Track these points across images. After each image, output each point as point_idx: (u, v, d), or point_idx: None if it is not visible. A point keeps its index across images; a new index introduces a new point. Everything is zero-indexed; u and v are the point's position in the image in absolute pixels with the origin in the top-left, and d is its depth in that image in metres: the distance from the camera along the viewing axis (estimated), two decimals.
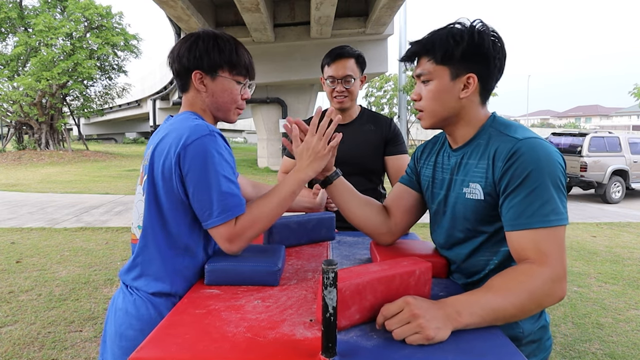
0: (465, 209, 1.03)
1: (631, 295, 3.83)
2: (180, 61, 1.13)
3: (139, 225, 1.09)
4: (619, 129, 42.12)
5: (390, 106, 24.46)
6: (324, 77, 1.94)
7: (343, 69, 1.86)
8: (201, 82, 1.13)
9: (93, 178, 12.59)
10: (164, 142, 1.05)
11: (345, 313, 0.82)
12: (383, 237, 1.22)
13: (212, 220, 1.01)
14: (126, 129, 43.07)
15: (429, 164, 1.18)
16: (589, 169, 9.52)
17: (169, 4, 8.99)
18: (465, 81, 1.00)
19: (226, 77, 1.14)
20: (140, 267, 1.07)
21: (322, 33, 11.78)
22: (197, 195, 1.01)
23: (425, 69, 1.02)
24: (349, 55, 1.87)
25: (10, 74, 18.65)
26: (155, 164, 1.04)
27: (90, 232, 5.80)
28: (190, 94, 1.16)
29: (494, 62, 1.00)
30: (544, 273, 0.86)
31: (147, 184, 1.06)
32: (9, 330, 2.87)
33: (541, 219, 0.88)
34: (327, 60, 1.90)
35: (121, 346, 1.04)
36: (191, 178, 1.00)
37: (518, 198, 0.91)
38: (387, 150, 1.97)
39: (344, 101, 1.90)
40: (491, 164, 0.97)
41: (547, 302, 0.87)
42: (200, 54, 1.11)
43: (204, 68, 1.12)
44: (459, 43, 0.97)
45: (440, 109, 1.03)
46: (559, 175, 0.91)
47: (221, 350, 0.75)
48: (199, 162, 0.99)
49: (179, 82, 1.18)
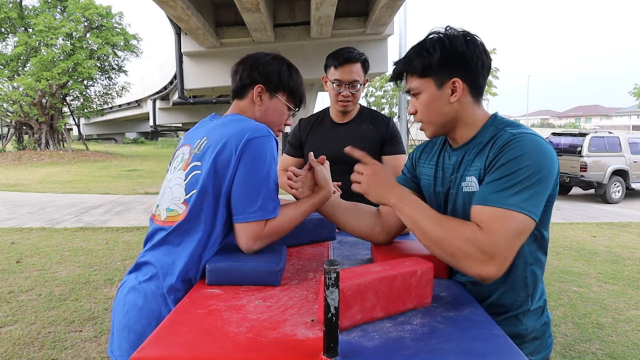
0: (464, 203, 1.05)
1: (631, 295, 3.83)
2: (250, 71, 1.23)
3: (169, 208, 1.12)
4: (619, 129, 42.12)
5: (391, 106, 24.46)
6: (329, 79, 1.92)
7: (350, 73, 1.85)
8: (259, 96, 1.23)
9: (93, 178, 12.59)
10: (221, 134, 1.10)
11: (347, 313, 0.82)
12: (377, 237, 1.24)
13: (248, 215, 1.06)
14: (126, 129, 43.04)
15: (430, 163, 1.19)
16: (589, 169, 9.52)
17: (169, 4, 8.98)
18: (452, 86, 1.03)
19: (282, 100, 1.26)
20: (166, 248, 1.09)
21: (322, 33, 11.78)
22: (243, 187, 1.06)
23: (413, 85, 1.07)
24: (356, 59, 1.86)
25: (10, 74, 18.64)
26: (208, 154, 1.09)
27: (90, 232, 5.80)
28: (243, 102, 1.26)
29: (473, 62, 1.02)
30: (478, 236, 0.88)
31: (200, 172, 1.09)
32: (9, 330, 2.87)
33: (501, 200, 0.90)
34: (334, 63, 1.88)
35: (129, 339, 1.05)
36: (243, 170, 1.06)
37: (490, 179, 0.94)
38: (384, 149, 1.97)
39: (348, 105, 1.91)
40: (486, 155, 1.00)
41: (462, 260, 0.89)
42: (272, 72, 1.23)
43: (269, 85, 1.23)
44: (432, 53, 1.01)
45: (436, 117, 1.06)
46: (541, 170, 0.91)
47: (222, 350, 0.75)
48: (255, 157, 1.07)
49: (239, 87, 1.26)
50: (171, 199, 1.13)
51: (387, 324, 0.86)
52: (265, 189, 1.07)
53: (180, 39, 12.74)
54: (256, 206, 1.06)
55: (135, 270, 1.13)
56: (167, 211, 1.12)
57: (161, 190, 1.20)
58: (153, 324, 1.03)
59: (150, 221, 1.19)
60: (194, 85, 13.51)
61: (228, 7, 11.37)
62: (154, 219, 1.17)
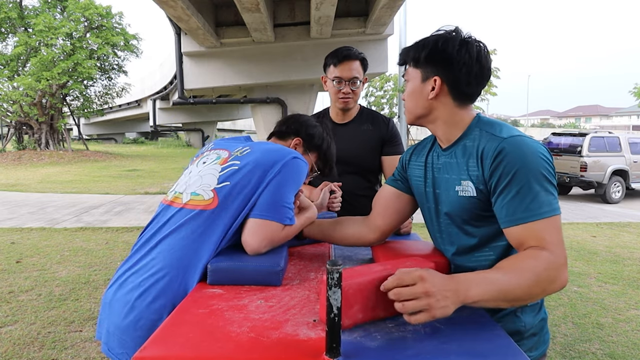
0: (461, 207, 1.06)
1: (631, 295, 3.83)
2: (299, 126, 1.41)
3: (195, 192, 1.16)
4: (619, 129, 42.12)
5: (391, 106, 24.46)
6: (329, 77, 1.93)
7: (350, 70, 1.87)
8: (295, 146, 1.38)
9: (93, 178, 12.58)
10: (266, 149, 1.23)
11: (348, 312, 0.82)
12: (368, 239, 1.28)
13: (272, 215, 1.13)
14: (126, 129, 43.02)
15: (419, 164, 1.20)
16: (589, 169, 9.52)
17: (169, 4, 8.98)
18: (432, 83, 1.06)
19: (312, 159, 1.42)
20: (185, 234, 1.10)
21: (322, 33, 11.78)
22: (275, 191, 1.15)
23: (407, 72, 1.14)
24: (355, 57, 1.88)
25: (10, 74, 18.63)
26: (251, 157, 1.19)
27: (90, 232, 5.80)
28: (282, 142, 1.40)
29: (457, 66, 1.03)
30: (549, 257, 0.90)
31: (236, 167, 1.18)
32: (9, 330, 2.87)
33: (535, 213, 0.93)
34: (333, 61, 1.90)
35: (135, 337, 1.02)
36: (280, 178, 1.17)
37: (509, 196, 0.95)
38: (384, 150, 1.98)
39: (349, 102, 1.91)
40: (480, 162, 1.01)
41: (551, 287, 0.90)
42: (314, 135, 1.41)
43: (308, 143, 1.40)
44: (423, 48, 1.07)
45: (414, 107, 1.12)
46: (545, 168, 0.95)
47: (224, 350, 0.75)
48: (293, 172, 1.20)
49: (283, 130, 1.43)
50: (200, 185, 1.17)
51: (389, 324, 0.86)
52: (289, 200, 1.18)
53: (180, 39, 12.74)
54: (281, 210, 1.15)
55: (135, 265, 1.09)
56: (193, 195, 1.16)
57: (182, 180, 1.25)
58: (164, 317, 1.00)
59: (164, 206, 1.20)
60: (194, 85, 13.50)
61: (228, 7, 11.37)
62: (172, 203, 1.18)
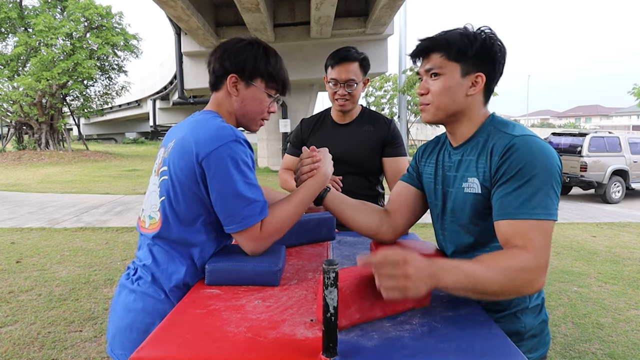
0: (464, 203, 1.06)
1: (631, 295, 3.83)
2: (222, 60, 1.15)
3: (150, 216, 1.11)
4: (619, 129, 42.09)
5: (391, 106, 24.45)
6: (327, 78, 1.93)
7: (346, 72, 1.85)
8: (234, 86, 1.15)
9: (93, 178, 12.59)
10: (186, 139, 1.06)
11: (346, 312, 0.82)
12: (384, 236, 1.24)
13: (236, 226, 1.04)
14: (126, 129, 43.04)
15: (431, 162, 1.20)
16: (589, 169, 9.52)
17: (169, 4, 8.98)
18: (474, 79, 1.05)
19: (260, 87, 1.17)
20: (155, 261, 1.09)
21: (322, 33, 11.78)
22: (220, 200, 1.03)
23: (437, 64, 1.05)
24: (353, 58, 1.86)
25: (10, 74, 18.64)
26: (174, 159, 1.06)
27: (90, 232, 5.80)
28: (220, 94, 1.18)
29: (498, 67, 1.06)
30: (529, 259, 0.89)
31: (166, 177, 1.07)
32: (9, 330, 2.87)
33: (527, 211, 0.92)
34: (331, 62, 1.89)
35: (133, 339, 1.05)
36: (215, 184, 1.03)
37: (508, 189, 0.95)
38: (385, 151, 1.96)
39: (345, 104, 1.91)
40: (489, 159, 1.01)
41: (525, 289, 0.90)
42: (245, 59, 1.13)
43: (244, 73, 1.14)
44: (472, 43, 1.03)
45: (448, 103, 1.06)
46: (552, 172, 0.94)
47: (222, 350, 0.75)
48: (223, 168, 1.02)
49: (212, 79, 1.18)
50: (150, 206, 1.12)
51: (387, 323, 0.86)
52: (241, 199, 1.03)
53: (180, 39, 12.74)
54: (239, 216, 1.03)
55: (132, 273, 1.13)
56: (149, 218, 1.12)
57: (146, 194, 1.18)
58: (157, 323, 1.02)
59: (137, 226, 1.18)
60: (194, 85, 13.51)
61: (228, 7, 11.38)
62: (140, 226, 1.16)
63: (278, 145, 15.43)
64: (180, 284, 1.06)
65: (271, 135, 15.47)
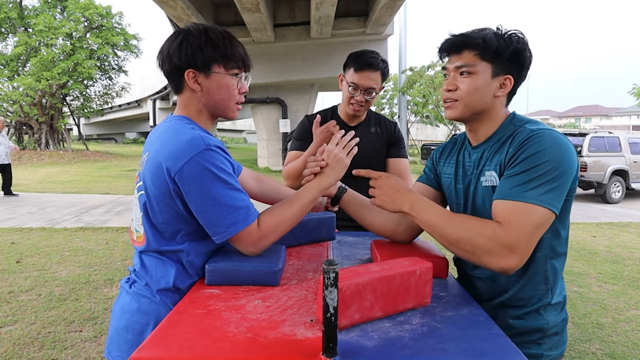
0: (483, 197, 1.07)
1: (631, 295, 3.83)
2: (171, 61, 1.07)
3: (136, 229, 1.11)
4: (619, 129, 42.06)
5: (391, 106, 24.45)
6: (346, 79, 1.87)
7: (369, 80, 1.82)
8: (195, 81, 1.08)
9: (93, 178, 12.58)
10: (156, 154, 1.02)
11: (346, 312, 0.82)
12: (401, 236, 1.26)
13: (221, 235, 1.02)
14: (126, 129, 43.04)
15: (451, 162, 1.21)
16: (589, 169, 9.51)
17: (169, 4, 8.99)
18: (502, 81, 1.06)
19: (221, 72, 1.08)
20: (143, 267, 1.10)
21: (322, 33, 11.78)
22: (201, 214, 1.00)
23: (470, 62, 1.05)
24: (378, 67, 1.82)
25: (10, 74, 18.65)
26: (148, 174, 1.04)
27: (90, 232, 5.80)
28: (185, 95, 1.11)
29: (525, 71, 1.08)
30: (498, 231, 0.91)
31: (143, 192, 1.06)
32: (9, 330, 2.87)
33: (519, 194, 0.93)
34: (355, 66, 1.83)
35: (128, 340, 1.06)
36: (193, 197, 0.99)
37: (511, 174, 0.97)
38: (389, 152, 2.02)
39: (360, 110, 1.89)
40: (506, 150, 1.03)
41: (484, 257, 0.92)
42: (193, 51, 1.05)
43: (197, 65, 1.06)
44: (508, 45, 1.03)
45: (477, 102, 1.07)
46: (561, 164, 0.93)
47: (222, 350, 0.75)
48: (197, 181, 0.97)
49: (171, 83, 1.12)
50: (135, 219, 1.11)
51: (387, 323, 0.86)
52: (222, 208, 0.99)
53: None
54: (223, 226, 1.00)
55: (130, 277, 1.15)
56: (136, 232, 1.12)
57: (133, 202, 1.15)
58: (152, 323, 1.04)
59: (129, 235, 1.18)
60: None
61: (228, 7, 11.38)
62: (130, 236, 1.15)
63: (278, 145, 15.43)
64: (170, 286, 1.06)
65: (271, 135, 15.47)
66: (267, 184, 1.43)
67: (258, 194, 1.41)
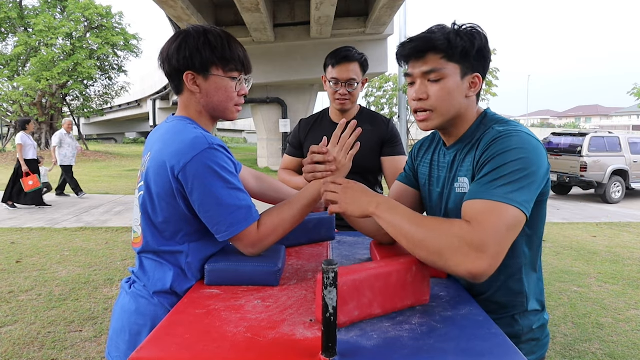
0: (456, 204, 1.04)
1: (631, 295, 3.83)
2: (170, 62, 1.08)
3: (134, 230, 1.12)
4: (619, 129, 42.06)
5: (390, 106, 24.43)
6: (327, 78, 1.93)
7: (347, 72, 1.86)
8: (194, 83, 1.08)
9: (93, 178, 12.58)
10: (160, 153, 1.03)
11: (344, 309, 0.82)
12: (383, 237, 1.22)
13: (224, 234, 1.02)
14: (126, 129, 43.04)
15: (426, 162, 1.19)
16: (589, 169, 9.51)
17: (169, 4, 8.99)
18: (472, 80, 1.01)
19: (219, 75, 1.08)
20: (142, 268, 1.10)
21: (322, 33, 11.79)
22: (203, 212, 1.01)
23: (437, 66, 0.98)
24: (354, 58, 1.87)
25: (10, 74, 18.66)
26: (151, 174, 1.04)
27: (90, 232, 5.80)
28: (184, 96, 1.12)
29: (488, 63, 1.04)
30: (464, 229, 0.83)
31: (143, 192, 1.06)
32: (9, 330, 2.87)
33: (487, 192, 0.88)
34: (331, 62, 1.90)
35: (126, 341, 1.06)
36: (196, 196, 1.00)
37: (480, 175, 0.93)
38: (383, 150, 1.97)
39: (345, 103, 1.92)
40: (474, 155, 0.99)
41: (451, 258, 0.83)
42: (191, 53, 1.05)
43: (196, 67, 1.06)
44: (473, 42, 0.98)
45: (452, 108, 1.01)
46: (528, 164, 0.89)
47: (221, 350, 0.75)
48: (200, 180, 0.98)
49: (171, 84, 1.13)
50: (135, 220, 1.12)
51: (386, 323, 0.86)
52: (224, 207, 1.00)
53: None
54: (225, 224, 1.01)
55: (130, 278, 1.16)
56: (133, 233, 1.12)
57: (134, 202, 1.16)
58: (149, 324, 1.04)
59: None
60: None
61: (228, 7, 11.38)
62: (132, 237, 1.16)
63: (278, 145, 15.44)
64: (167, 289, 1.05)
65: (271, 135, 15.48)
66: (268, 183, 1.43)
67: (258, 193, 1.41)
